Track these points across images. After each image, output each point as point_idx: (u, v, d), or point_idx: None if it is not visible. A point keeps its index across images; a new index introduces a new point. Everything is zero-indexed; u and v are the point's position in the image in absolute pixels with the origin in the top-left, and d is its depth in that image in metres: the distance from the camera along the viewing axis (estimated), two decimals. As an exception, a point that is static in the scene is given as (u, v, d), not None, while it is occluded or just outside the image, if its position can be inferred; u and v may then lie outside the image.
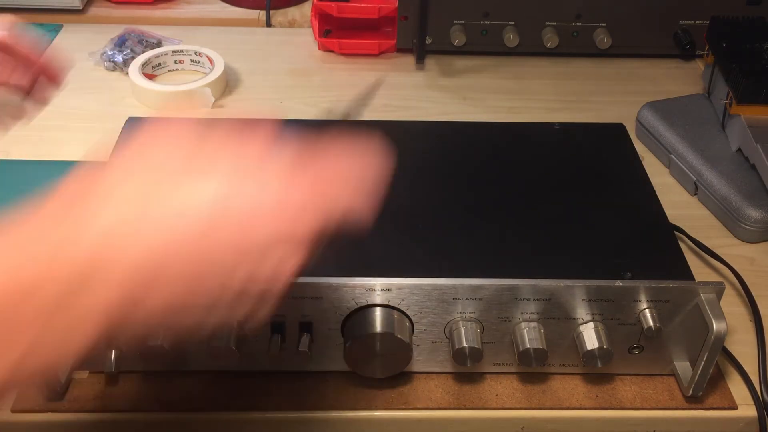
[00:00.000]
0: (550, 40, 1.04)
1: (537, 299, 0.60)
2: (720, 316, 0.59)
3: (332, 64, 1.07)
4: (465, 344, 0.60)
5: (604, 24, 1.04)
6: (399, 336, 0.59)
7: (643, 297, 0.60)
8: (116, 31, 1.07)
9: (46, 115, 0.71)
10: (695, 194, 0.85)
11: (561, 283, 0.59)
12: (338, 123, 0.80)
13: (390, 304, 0.60)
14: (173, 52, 1.01)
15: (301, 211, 0.44)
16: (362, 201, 0.48)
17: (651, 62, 1.08)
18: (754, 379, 0.65)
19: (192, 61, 1.02)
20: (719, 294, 0.60)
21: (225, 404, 0.63)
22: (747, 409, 0.64)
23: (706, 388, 0.63)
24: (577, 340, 0.62)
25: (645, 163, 0.76)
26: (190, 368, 0.64)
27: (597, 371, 0.65)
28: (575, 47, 1.06)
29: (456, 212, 0.69)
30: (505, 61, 1.07)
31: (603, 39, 1.04)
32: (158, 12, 1.15)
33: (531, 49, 1.06)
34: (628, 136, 0.79)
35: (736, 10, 1.01)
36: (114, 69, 1.01)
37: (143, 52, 1.01)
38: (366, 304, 0.60)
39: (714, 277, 0.74)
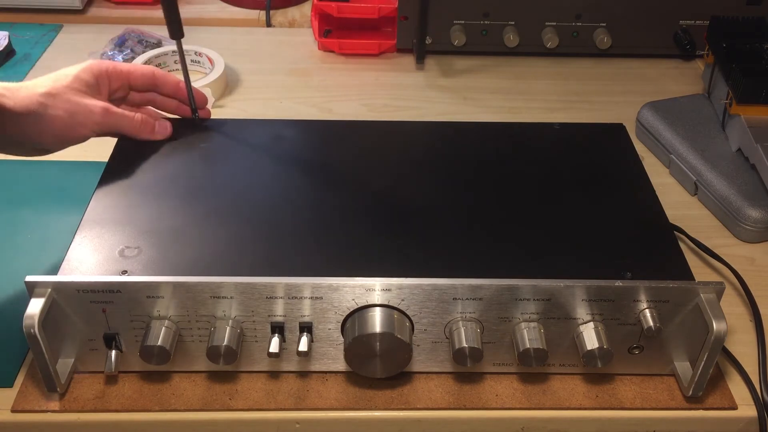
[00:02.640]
0: (550, 40, 1.04)
1: (537, 299, 0.60)
2: (720, 316, 0.59)
3: (332, 64, 1.07)
4: (465, 344, 0.60)
5: (604, 24, 1.04)
6: (399, 336, 0.59)
7: (643, 297, 0.60)
8: (116, 31, 1.07)
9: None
10: (695, 194, 0.85)
11: (561, 283, 0.59)
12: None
13: (390, 304, 0.60)
14: (173, 52, 1.01)
15: None
16: None
17: (651, 62, 1.08)
18: (754, 379, 0.65)
19: (192, 61, 1.02)
20: (719, 294, 0.60)
21: (225, 404, 0.63)
22: (747, 409, 0.64)
23: (706, 388, 0.63)
24: (577, 340, 0.62)
25: (645, 163, 0.76)
26: (190, 368, 0.64)
27: (597, 371, 0.65)
28: (575, 47, 1.06)
29: (456, 212, 0.69)
30: (505, 61, 1.07)
31: (603, 39, 1.04)
32: (158, 12, 1.13)
33: (531, 49, 1.06)
34: (628, 136, 0.79)
35: (736, 10, 1.01)
36: (114, 69, 1.01)
37: (143, 52, 1.02)
38: (366, 304, 0.60)
39: (714, 277, 0.74)
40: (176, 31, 0.74)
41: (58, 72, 0.71)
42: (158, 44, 1.05)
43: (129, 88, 0.76)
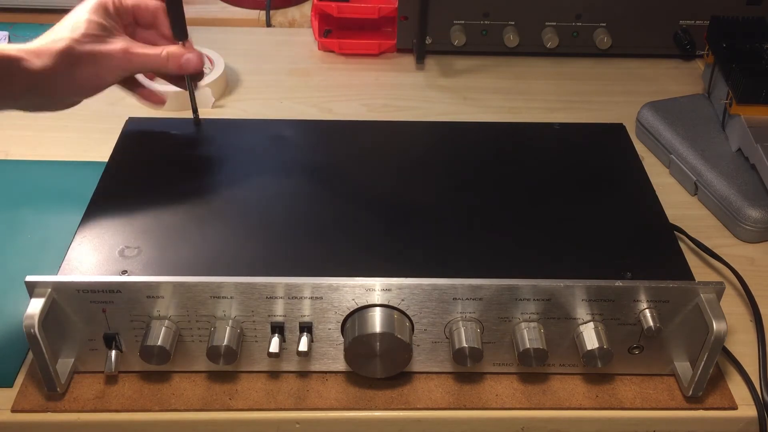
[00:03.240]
0: (550, 40, 1.04)
1: (537, 299, 0.60)
2: (720, 316, 0.59)
3: (332, 64, 1.07)
4: (465, 344, 0.60)
5: (604, 24, 1.04)
6: (399, 336, 0.59)
7: (643, 297, 0.60)
8: (116, 31, 1.07)
9: (45, 114, 0.71)
10: (695, 194, 0.85)
11: (561, 283, 0.59)
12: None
13: (390, 304, 0.60)
14: (173, 52, 1.01)
15: None
16: None
17: (651, 62, 1.08)
18: (754, 379, 0.65)
19: (192, 61, 1.02)
20: (719, 294, 0.60)
21: (225, 404, 0.63)
22: (747, 409, 0.64)
23: (706, 388, 0.63)
24: (577, 340, 0.62)
25: (645, 163, 0.76)
26: (190, 368, 0.64)
27: (597, 371, 0.65)
28: (575, 47, 1.06)
29: (456, 212, 0.69)
30: (505, 61, 1.07)
31: (603, 39, 1.04)
32: (158, 12, 1.15)
33: (531, 49, 1.06)
34: (628, 136, 0.79)
35: (736, 10, 1.01)
36: (114, 69, 1.01)
37: (143, 52, 1.01)
38: (366, 304, 0.60)
39: (714, 277, 0.74)
40: (180, 33, 0.73)
41: (71, 19, 0.70)
42: (158, 44, 1.05)
43: (135, 24, 0.74)
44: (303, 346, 0.61)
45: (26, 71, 0.64)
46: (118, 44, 0.70)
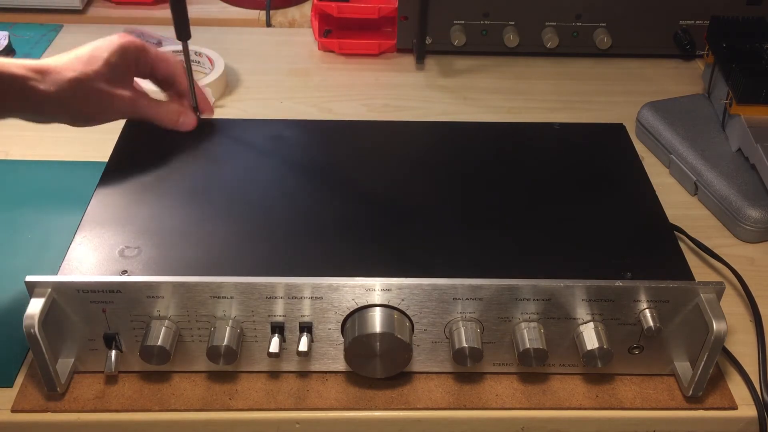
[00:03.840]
0: (550, 40, 1.04)
1: (537, 299, 0.60)
2: (720, 316, 0.59)
3: (332, 64, 1.07)
4: (465, 344, 0.60)
5: (604, 24, 1.04)
6: (399, 336, 0.59)
7: (643, 297, 0.60)
8: (116, 31, 1.06)
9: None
10: (695, 194, 0.85)
11: (561, 283, 0.59)
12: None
13: (390, 304, 0.60)
14: (173, 52, 1.01)
15: None
16: None
17: (651, 62, 1.08)
18: (754, 379, 0.65)
19: (192, 61, 1.02)
20: (719, 294, 0.60)
21: (225, 404, 0.63)
22: (747, 409, 0.64)
23: (706, 388, 0.63)
24: (577, 340, 0.62)
25: (645, 163, 0.76)
26: (190, 368, 0.64)
27: (597, 371, 0.65)
28: (575, 47, 1.06)
29: (456, 212, 0.69)
30: (505, 61, 1.07)
31: (603, 39, 1.04)
32: (158, 12, 1.15)
33: (531, 49, 1.06)
34: (628, 136, 0.79)
35: (736, 10, 1.01)
36: (114, 69, 1.01)
37: (143, 52, 1.01)
38: (366, 304, 0.60)
39: (714, 277, 0.74)
40: (183, 33, 0.74)
41: (90, 51, 0.71)
42: (158, 44, 1.05)
43: (150, 74, 0.77)
44: (303, 346, 0.61)
45: (30, 90, 0.66)
46: (126, 92, 0.73)
